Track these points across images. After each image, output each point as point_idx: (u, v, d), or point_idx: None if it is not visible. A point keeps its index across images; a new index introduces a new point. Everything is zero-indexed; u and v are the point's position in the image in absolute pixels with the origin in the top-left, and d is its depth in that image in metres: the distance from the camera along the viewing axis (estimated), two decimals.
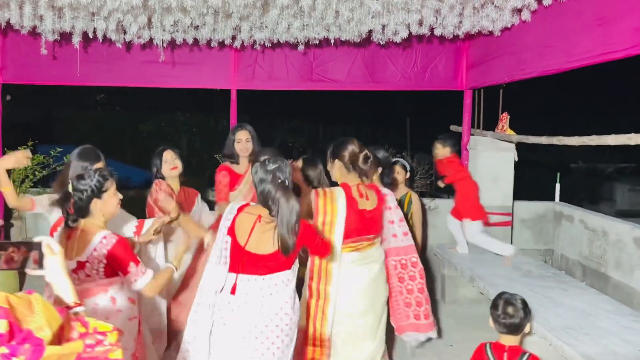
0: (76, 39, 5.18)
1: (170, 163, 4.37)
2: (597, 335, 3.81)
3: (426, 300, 4.14)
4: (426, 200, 7.07)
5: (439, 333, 5.06)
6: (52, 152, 6.66)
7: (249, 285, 3.03)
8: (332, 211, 3.65)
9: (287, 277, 3.08)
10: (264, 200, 3.02)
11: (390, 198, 4.04)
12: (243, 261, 3.04)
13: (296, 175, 4.11)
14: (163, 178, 4.37)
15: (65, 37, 5.27)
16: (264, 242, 3.01)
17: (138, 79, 6.55)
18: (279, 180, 2.99)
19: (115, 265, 2.97)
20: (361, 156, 3.79)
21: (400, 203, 5.16)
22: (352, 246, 3.75)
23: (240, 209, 3.12)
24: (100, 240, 2.95)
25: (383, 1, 4.27)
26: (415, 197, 5.24)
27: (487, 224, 5.97)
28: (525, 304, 3.12)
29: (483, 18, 4.92)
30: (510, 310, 3.06)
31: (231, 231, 3.08)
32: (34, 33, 5.20)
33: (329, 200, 3.65)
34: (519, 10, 4.76)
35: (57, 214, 3.46)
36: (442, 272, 6.05)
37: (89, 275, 2.96)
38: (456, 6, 4.58)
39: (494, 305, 3.13)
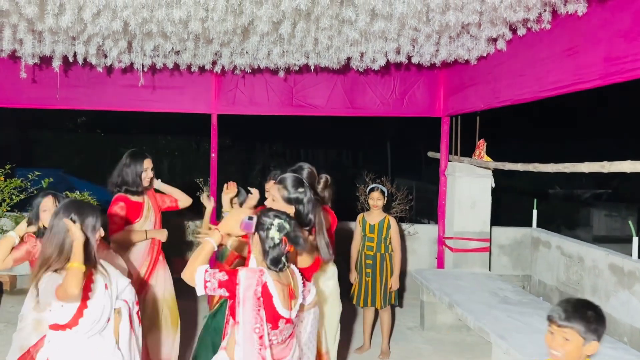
0: (56, 63, 5.19)
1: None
2: None
3: None
4: (405, 226, 7.11)
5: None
6: (30, 176, 6.59)
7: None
8: None
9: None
10: (300, 216, 3.16)
11: None
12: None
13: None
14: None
15: (45, 60, 5.26)
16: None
17: (119, 103, 6.55)
18: (312, 197, 3.22)
19: None
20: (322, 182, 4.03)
21: (379, 228, 5.21)
22: None
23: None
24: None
25: (361, 30, 4.34)
26: (393, 222, 5.28)
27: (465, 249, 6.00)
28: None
29: (459, 47, 5.02)
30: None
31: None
32: (14, 57, 5.20)
33: None
34: (494, 40, 4.87)
35: None
36: (421, 298, 6.06)
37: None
38: (432, 35, 4.66)
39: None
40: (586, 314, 2.38)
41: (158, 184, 4.51)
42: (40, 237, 3.43)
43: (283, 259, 2.70)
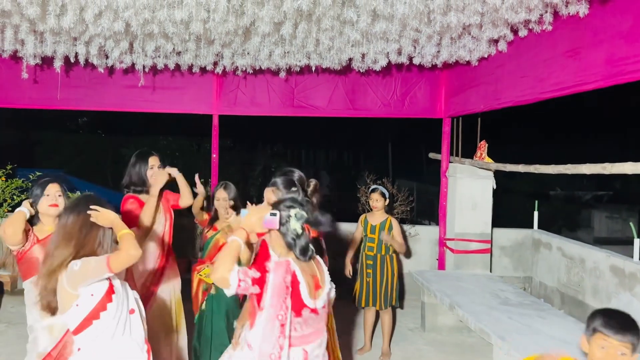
0: (58, 64, 5.19)
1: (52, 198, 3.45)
2: None
3: None
4: (406, 227, 7.10)
5: None
6: (31, 176, 6.59)
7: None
8: None
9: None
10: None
11: None
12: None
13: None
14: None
15: (46, 61, 5.27)
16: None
17: (120, 104, 6.55)
18: (305, 196, 3.48)
19: None
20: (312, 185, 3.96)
21: (381, 228, 5.21)
22: None
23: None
24: None
25: (362, 30, 4.34)
26: (395, 223, 5.27)
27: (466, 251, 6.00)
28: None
29: (460, 48, 5.02)
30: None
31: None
32: (15, 57, 5.20)
33: None
34: (496, 41, 4.86)
35: None
36: (421, 299, 6.05)
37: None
38: (434, 36, 4.66)
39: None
40: (637, 327, 2.30)
41: (175, 172, 4.40)
42: (33, 226, 3.43)
43: (310, 245, 2.74)
